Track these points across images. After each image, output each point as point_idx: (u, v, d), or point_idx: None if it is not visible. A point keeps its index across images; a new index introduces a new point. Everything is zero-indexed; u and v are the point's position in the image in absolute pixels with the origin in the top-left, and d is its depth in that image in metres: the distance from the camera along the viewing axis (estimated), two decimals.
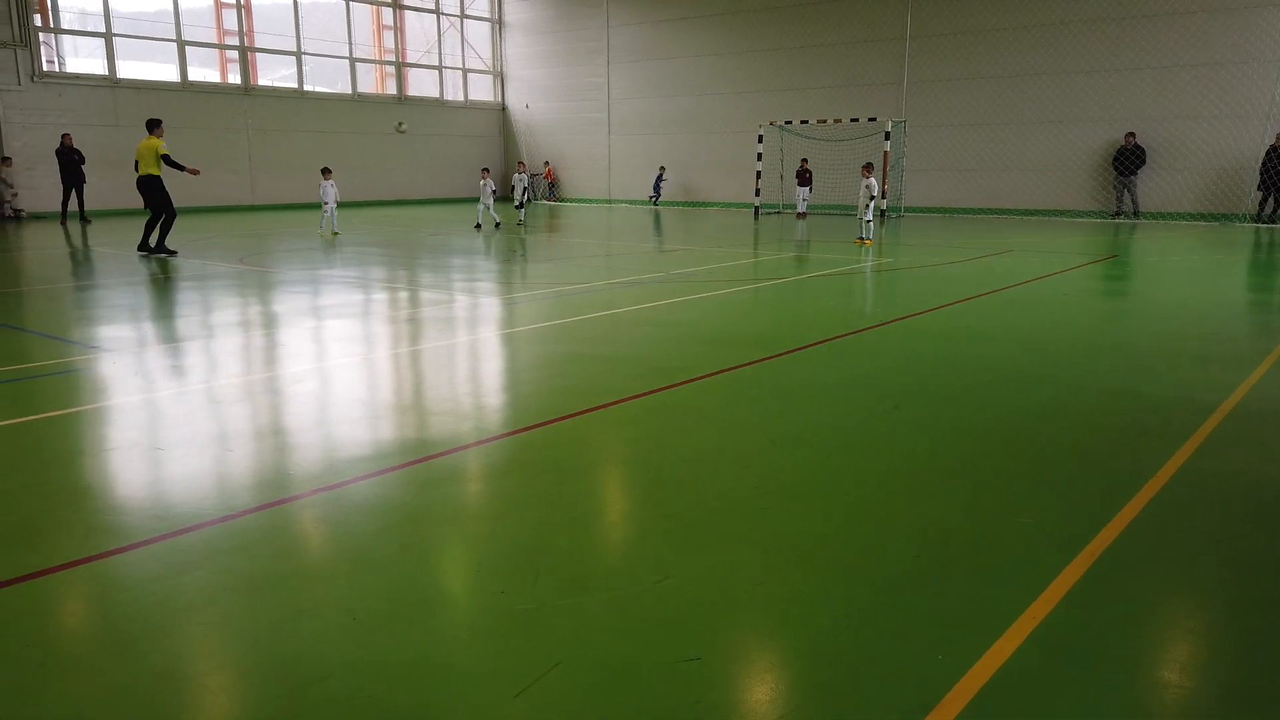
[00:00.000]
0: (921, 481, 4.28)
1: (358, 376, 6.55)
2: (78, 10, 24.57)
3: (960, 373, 6.48)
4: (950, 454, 4.69)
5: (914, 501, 4.01)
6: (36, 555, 3.44)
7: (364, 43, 31.24)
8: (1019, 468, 4.49)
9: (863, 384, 6.19)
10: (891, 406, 5.59)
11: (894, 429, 5.14)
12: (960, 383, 6.21)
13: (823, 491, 4.15)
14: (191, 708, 2.53)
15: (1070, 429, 5.15)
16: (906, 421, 5.28)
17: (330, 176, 19.03)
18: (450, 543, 3.66)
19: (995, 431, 5.10)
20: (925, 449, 4.77)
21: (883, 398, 5.81)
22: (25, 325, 8.67)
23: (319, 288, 11.07)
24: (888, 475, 4.37)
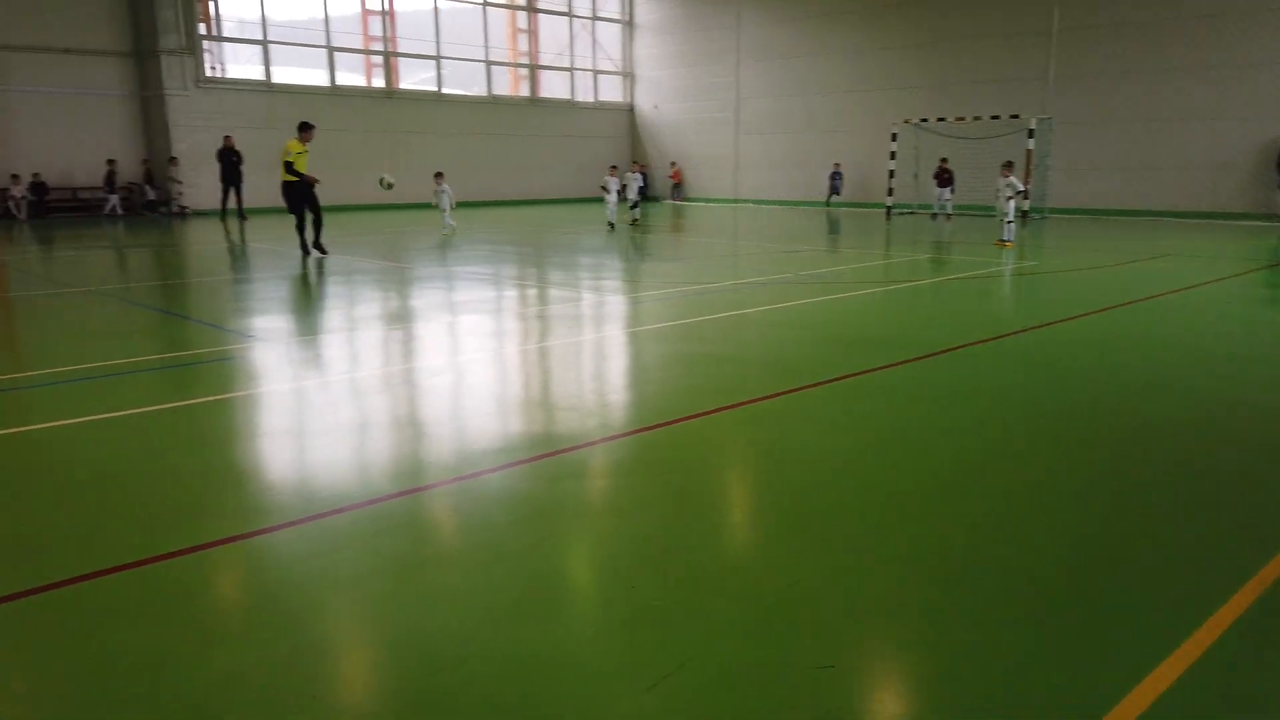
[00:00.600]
0: (1063, 495, 4.07)
1: (489, 371, 6.73)
2: (237, 19, 26.20)
3: (1104, 383, 6.15)
4: (1094, 468, 4.45)
5: (1055, 516, 3.83)
6: (201, 530, 3.68)
7: (499, 46, 32.13)
8: (1170, 484, 4.22)
9: (1000, 393, 5.94)
10: (1030, 416, 5.35)
11: (1032, 440, 4.92)
12: (1104, 393, 5.89)
13: (958, 502, 4.00)
14: (344, 680, 2.66)
15: (1226, 447, 4.80)
16: (1046, 433, 5.04)
17: (443, 180, 19.15)
18: (580, 537, 3.71)
19: (1145, 446, 4.80)
20: (1066, 462, 4.54)
21: (1021, 408, 5.57)
22: (189, 314, 9.30)
23: (454, 284, 11.45)
24: (1028, 488, 4.18)
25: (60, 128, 23.37)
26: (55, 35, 22.90)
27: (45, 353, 7.40)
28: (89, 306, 9.64)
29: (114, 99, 24.28)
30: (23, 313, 9.51)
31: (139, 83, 24.46)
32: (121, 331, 8.34)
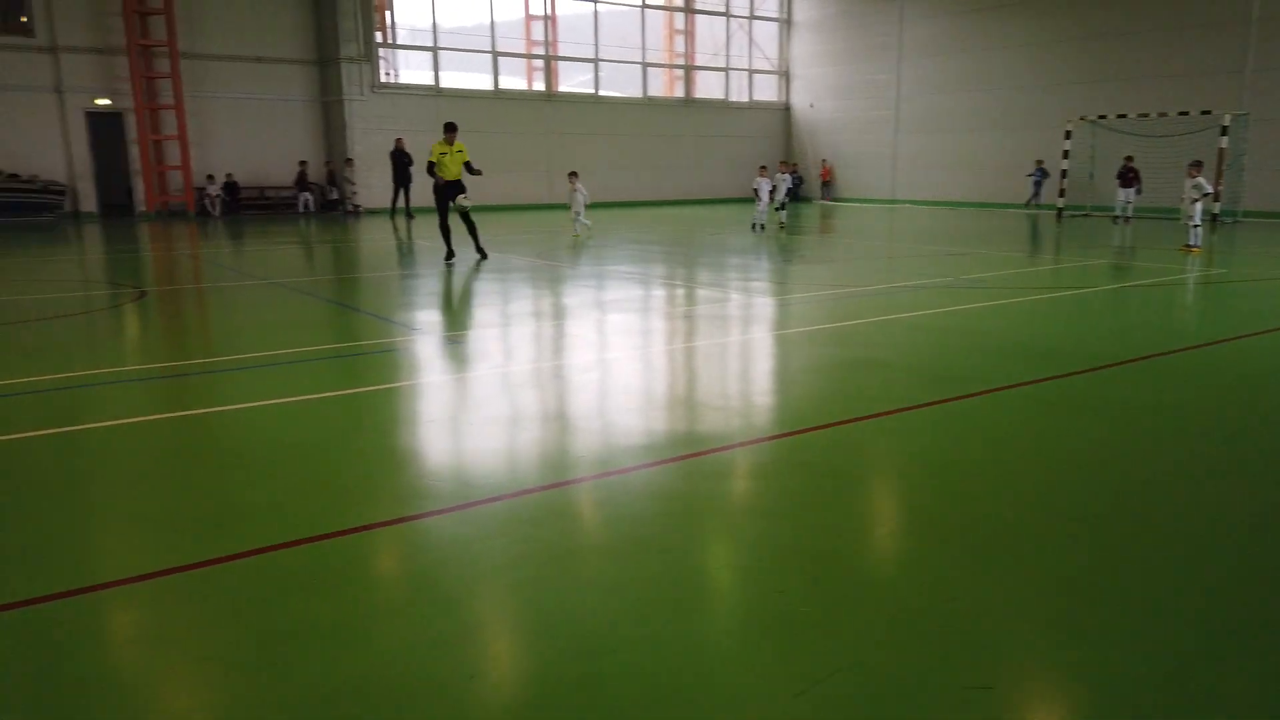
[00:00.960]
0: (1253, 525, 3.74)
1: (637, 369, 6.82)
2: (410, 27, 27.59)
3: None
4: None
5: (1245, 546, 3.52)
6: (370, 510, 3.91)
7: (656, 48, 32.46)
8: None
9: (1182, 411, 5.53)
10: (1216, 438, 4.95)
11: (1217, 463, 4.54)
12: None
13: (1134, 527, 3.75)
14: (500, 660, 2.76)
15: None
16: (1235, 457, 4.65)
17: (578, 180, 18.51)
18: (730, 537, 3.70)
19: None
20: (1255, 488, 4.17)
21: (1205, 428, 5.16)
22: (359, 306, 9.87)
23: (604, 282, 11.65)
24: (1211, 514, 3.87)
25: (251, 131, 25.26)
26: (249, 46, 24.78)
27: (233, 340, 8.02)
28: (270, 297, 10.39)
29: (298, 104, 26.05)
30: (214, 302, 10.35)
31: (321, 89, 26.15)
32: (298, 321, 8.95)
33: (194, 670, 2.69)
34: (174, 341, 8.15)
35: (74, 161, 22.99)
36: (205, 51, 23.99)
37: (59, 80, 22.38)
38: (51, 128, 22.60)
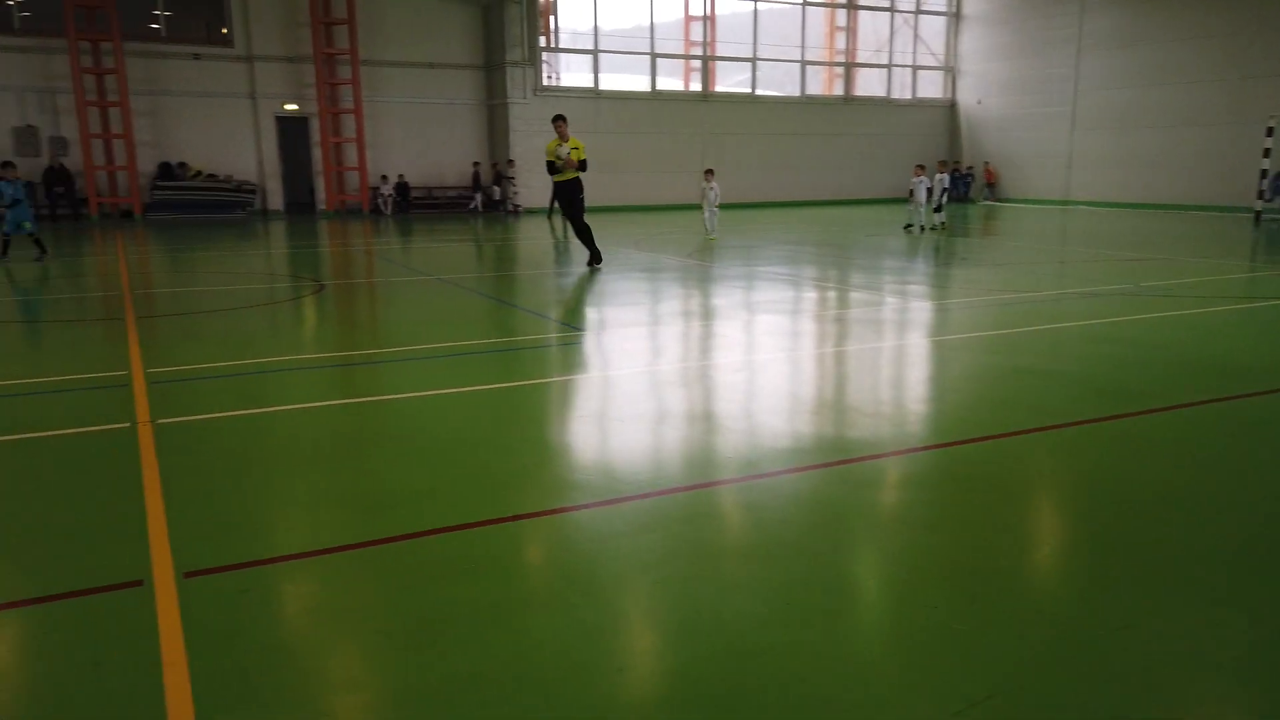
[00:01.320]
0: None
1: (786, 371, 6.72)
2: (571, 31, 28.27)
3: None
4: None
5: None
6: (524, 499, 4.03)
7: (815, 46, 31.95)
8: None
9: None
10: None
11: None
12: None
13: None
14: (647, 654, 2.78)
15: None
16: None
17: (713, 178, 17.68)
18: (880, 547, 3.60)
19: None
20: None
21: None
22: (515, 302, 10.19)
23: (754, 283, 11.57)
24: None
25: (421, 134, 26.55)
26: (422, 52, 26.05)
27: (400, 332, 8.45)
28: (435, 293, 10.88)
29: (465, 107, 27.17)
30: (383, 296, 10.93)
31: (487, 92, 27.18)
32: (460, 316, 9.33)
33: (362, 642, 2.84)
34: (347, 333, 8.67)
35: (264, 163, 24.83)
36: (382, 59, 25.38)
37: (253, 87, 24.20)
38: (245, 131, 24.48)
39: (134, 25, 22.59)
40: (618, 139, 27.93)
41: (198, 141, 23.86)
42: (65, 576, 3.25)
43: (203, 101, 23.81)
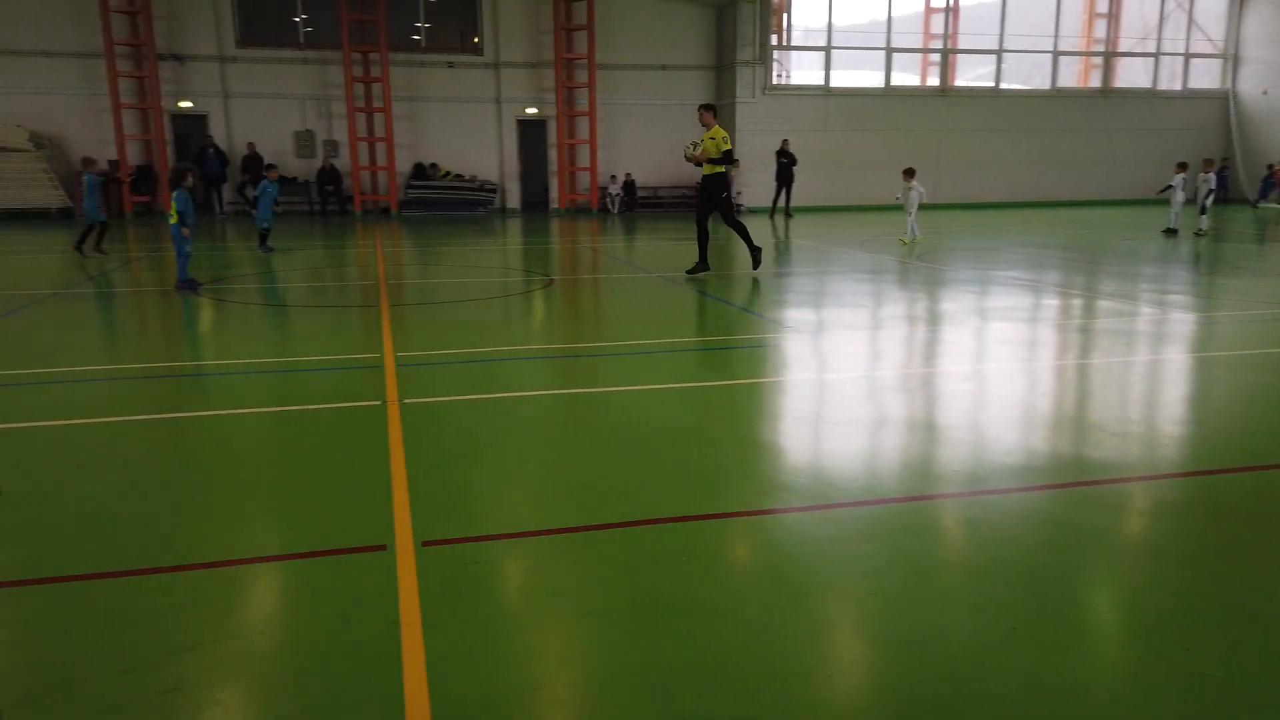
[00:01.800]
0: None
1: (1021, 382, 6.29)
2: (804, 28, 27.91)
3: None
4: None
5: None
6: (732, 497, 4.03)
7: (1070, 35, 29.69)
8: None
9: None
10: None
11: None
12: None
13: None
14: (855, 666, 2.71)
15: None
16: None
17: (914, 178, 16.51)
18: (1124, 577, 3.29)
19: None
20: None
21: None
22: (734, 301, 10.20)
23: (988, 288, 10.92)
24: None
25: (649, 134, 27.18)
26: (655, 55, 26.65)
27: (620, 327, 8.70)
28: (655, 289, 11.10)
29: (692, 107, 27.48)
30: (607, 292, 11.29)
31: (715, 92, 27.39)
32: (678, 313, 9.46)
33: (576, 623, 2.95)
34: (572, 326, 9.04)
35: (504, 163, 26.36)
36: (617, 62, 26.21)
37: (499, 92, 25.76)
38: (489, 134, 26.09)
39: (398, 37, 24.67)
40: (847, 137, 27.31)
41: (447, 144, 25.69)
42: (322, 536, 3.60)
43: (454, 106, 25.61)
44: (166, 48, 22.65)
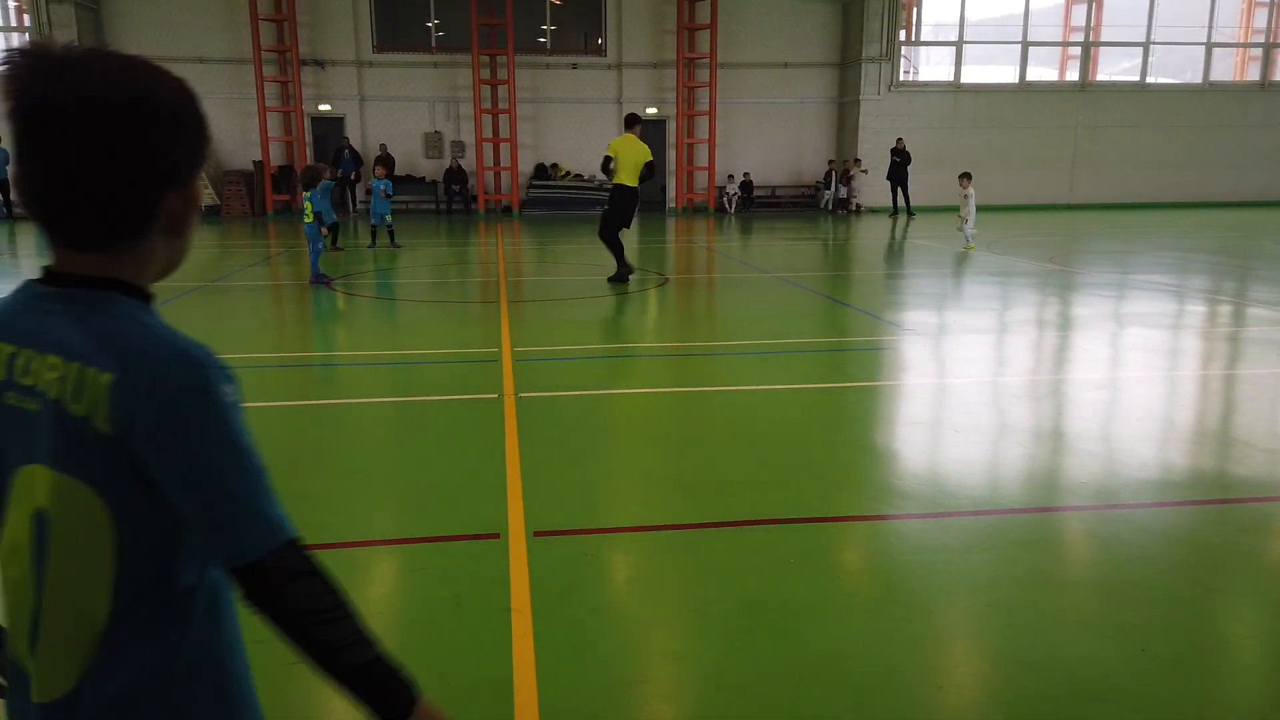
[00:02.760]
0: None
1: (1156, 392, 5.94)
2: (933, 23, 27.08)
3: None
4: None
5: None
6: (846, 501, 3.96)
7: (1226, 26, 27.80)
8: None
9: None
10: None
11: None
12: None
13: None
14: (972, 679, 2.62)
15: None
16: None
17: (970, 183, 14.99)
18: (1271, 603, 3.07)
19: None
20: None
21: None
22: (852, 302, 10.00)
23: (1124, 293, 10.36)
24: None
25: (768, 133, 26.93)
26: (778, 52, 26.38)
27: (735, 327, 8.65)
28: (770, 289, 11.00)
29: (814, 105, 27.12)
30: (721, 292, 11.26)
31: (839, 89, 26.92)
32: (793, 313, 9.35)
33: (683, 620, 2.96)
34: (685, 325, 9.05)
35: None
36: (739, 61, 26.08)
37: (620, 92, 26.01)
38: (610, 134, 26.31)
39: (524, 40, 25.24)
40: (978, 135, 26.36)
41: (568, 144, 26.11)
42: (439, 522, 3.73)
43: (575, 107, 26.01)
44: (309, 53, 23.84)
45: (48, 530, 1.02)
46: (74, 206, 1.00)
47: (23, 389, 1.03)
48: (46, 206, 1.01)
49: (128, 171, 1.00)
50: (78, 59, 0.98)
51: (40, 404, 1.01)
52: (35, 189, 1.00)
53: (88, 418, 0.99)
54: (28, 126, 0.98)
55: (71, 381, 0.99)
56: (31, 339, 1.03)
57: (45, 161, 0.99)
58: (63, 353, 1.01)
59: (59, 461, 1.00)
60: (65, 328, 1.02)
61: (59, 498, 1.01)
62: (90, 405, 0.98)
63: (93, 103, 0.97)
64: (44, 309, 1.04)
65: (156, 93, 1.02)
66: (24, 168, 1.00)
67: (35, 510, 1.02)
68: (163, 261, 1.10)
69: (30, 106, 0.97)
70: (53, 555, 1.02)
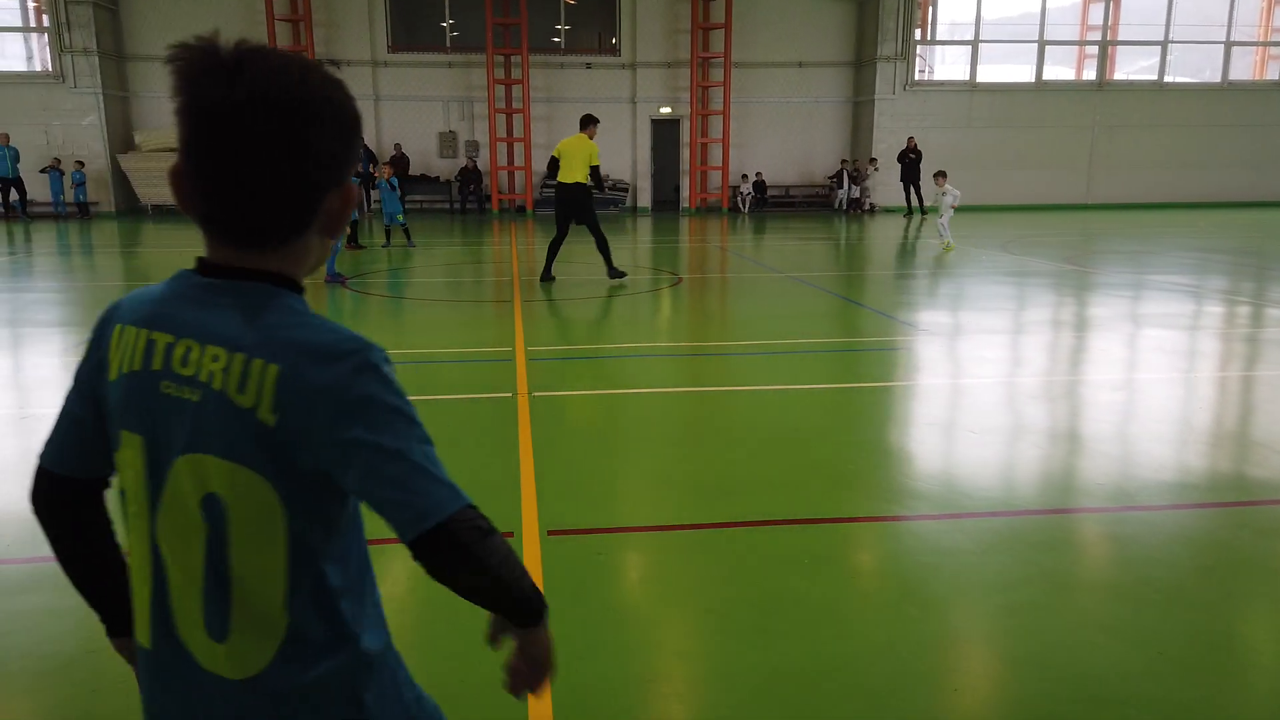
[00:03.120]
0: None
1: (1176, 394, 5.89)
2: (949, 22, 26.93)
3: None
4: None
5: None
6: (857, 501, 3.94)
7: (1246, 24, 27.55)
8: None
9: None
10: None
11: None
12: None
13: None
14: (987, 681, 2.60)
15: None
16: None
17: (946, 181, 15.01)
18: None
19: None
20: None
21: None
22: (865, 302, 9.97)
23: (1143, 293, 10.29)
24: None
25: (782, 132, 26.86)
26: (792, 51, 26.32)
27: (747, 327, 8.64)
28: (784, 289, 10.97)
29: (828, 105, 27.04)
30: (734, 291, 11.24)
31: (854, 89, 26.84)
32: (806, 313, 9.32)
33: (695, 620, 2.96)
34: (698, 325, 9.04)
35: (637, 163, 26.60)
36: (753, 60, 26.03)
37: (634, 92, 26.02)
38: (623, 134, 26.38)
39: (539, 39, 25.27)
40: (993, 134, 26.23)
41: None
42: None
43: (589, 106, 26.00)
44: (325, 53, 23.95)
45: (225, 515, 1.03)
46: (246, 204, 1.02)
47: (181, 378, 1.04)
48: (218, 204, 1.03)
49: (301, 170, 1.02)
50: (250, 58, 1.00)
51: (201, 394, 1.03)
52: (207, 186, 1.02)
53: (253, 409, 1.00)
54: (205, 125, 0.99)
55: (236, 373, 1.01)
56: (192, 329, 1.04)
57: (221, 159, 1.00)
58: (226, 344, 1.02)
59: (228, 451, 1.02)
60: (229, 320, 1.03)
61: (233, 485, 1.02)
62: (255, 396, 1.00)
63: (270, 102, 0.98)
64: (205, 300, 1.06)
65: (327, 92, 1.04)
66: (196, 165, 1.01)
67: (205, 495, 1.03)
68: (314, 259, 1.12)
69: (208, 106, 0.99)
70: (234, 540, 1.04)
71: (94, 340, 1.12)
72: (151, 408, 1.05)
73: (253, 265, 1.06)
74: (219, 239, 1.06)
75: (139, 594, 1.11)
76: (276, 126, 0.99)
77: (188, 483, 1.04)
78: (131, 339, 1.07)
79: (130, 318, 1.08)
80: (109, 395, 1.09)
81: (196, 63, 0.99)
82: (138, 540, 1.09)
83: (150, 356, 1.05)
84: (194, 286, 1.07)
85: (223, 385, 1.01)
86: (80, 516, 1.20)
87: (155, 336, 1.06)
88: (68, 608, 2.97)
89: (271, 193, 1.02)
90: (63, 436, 1.16)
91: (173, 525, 1.06)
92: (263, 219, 1.04)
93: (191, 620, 1.07)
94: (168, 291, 1.09)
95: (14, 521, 3.70)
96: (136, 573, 1.11)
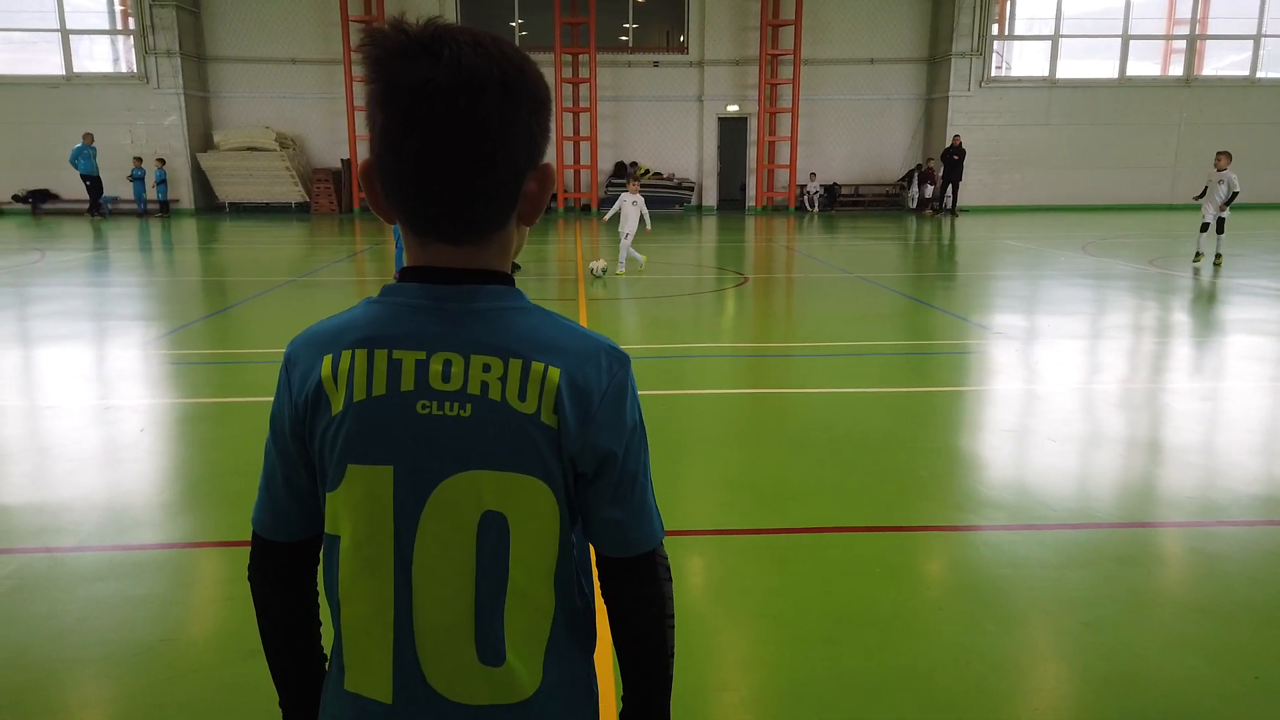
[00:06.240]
0: None
1: (1265, 403, 5.61)
2: (1027, 17, 26.20)
3: None
4: None
5: None
6: (930, 510, 3.83)
7: None
8: None
9: None
10: None
11: None
12: None
13: None
14: (1067, 699, 2.50)
15: None
16: None
17: (634, 188, 14.32)
18: None
19: None
20: None
21: None
22: (936, 304, 9.74)
23: (1234, 298, 9.85)
24: None
25: (852, 130, 26.47)
26: (864, 48, 25.91)
27: (814, 328, 8.51)
28: (852, 290, 10.79)
29: (900, 103, 26.55)
30: (801, 292, 11.09)
31: (928, 86, 26.31)
32: (876, 315, 9.14)
33: (763, 625, 2.90)
34: (763, 325, 8.94)
35: (703, 161, 26.49)
36: (823, 57, 25.70)
37: (701, 90, 25.91)
38: (689, 132, 26.30)
39: (607, 38, 25.34)
40: (1073, 132, 25.45)
41: (649, 142, 26.12)
42: None
43: (657, 105, 26.00)
44: None
45: (505, 529, 0.98)
46: (463, 193, 0.95)
47: (442, 394, 0.96)
48: (432, 196, 0.95)
49: (510, 151, 0.95)
50: (447, 36, 0.93)
51: (473, 407, 0.96)
52: (419, 176, 0.94)
53: (535, 414, 0.96)
54: (413, 109, 0.91)
55: (515, 380, 0.96)
56: (448, 341, 0.97)
57: (434, 143, 0.92)
58: (497, 352, 0.97)
59: (508, 461, 0.97)
60: (485, 327, 0.98)
61: (515, 496, 0.97)
62: (537, 400, 0.96)
63: (479, 80, 0.92)
64: (447, 310, 0.98)
65: (526, 69, 0.98)
66: (400, 152, 0.94)
67: (482, 514, 0.97)
68: (516, 249, 1.05)
69: (416, 87, 0.91)
70: (515, 554, 0.98)
71: (285, 385, 1.03)
72: (405, 432, 0.97)
73: (475, 265, 0.99)
74: (432, 236, 0.98)
75: (371, 649, 1.01)
76: (487, 105, 0.92)
77: (461, 503, 0.97)
78: (364, 365, 0.98)
79: (348, 343, 0.99)
80: (330, 433, 0.98)
81: (394, 45, 0.93)
82: (374, 587, 0.99)
83: (396, 378, 0.97)
84: (425, 297, 0.99)
85: (501, 394, 0.96)
86: (296, 580, 1.11)
87: (400, 356, 0.97)
88: (145, 596, 3.04)
89: (485, 178, 0.95)
90: (275, 500, 1.07)
91: (440, 553, 0.98)
92: (476, 209, 0.97)
93: (454, 658, 0.99)
94: (385, 311, 1.01)
95: (94, 510, 3.81)
96: (365, 626, 1.00)
